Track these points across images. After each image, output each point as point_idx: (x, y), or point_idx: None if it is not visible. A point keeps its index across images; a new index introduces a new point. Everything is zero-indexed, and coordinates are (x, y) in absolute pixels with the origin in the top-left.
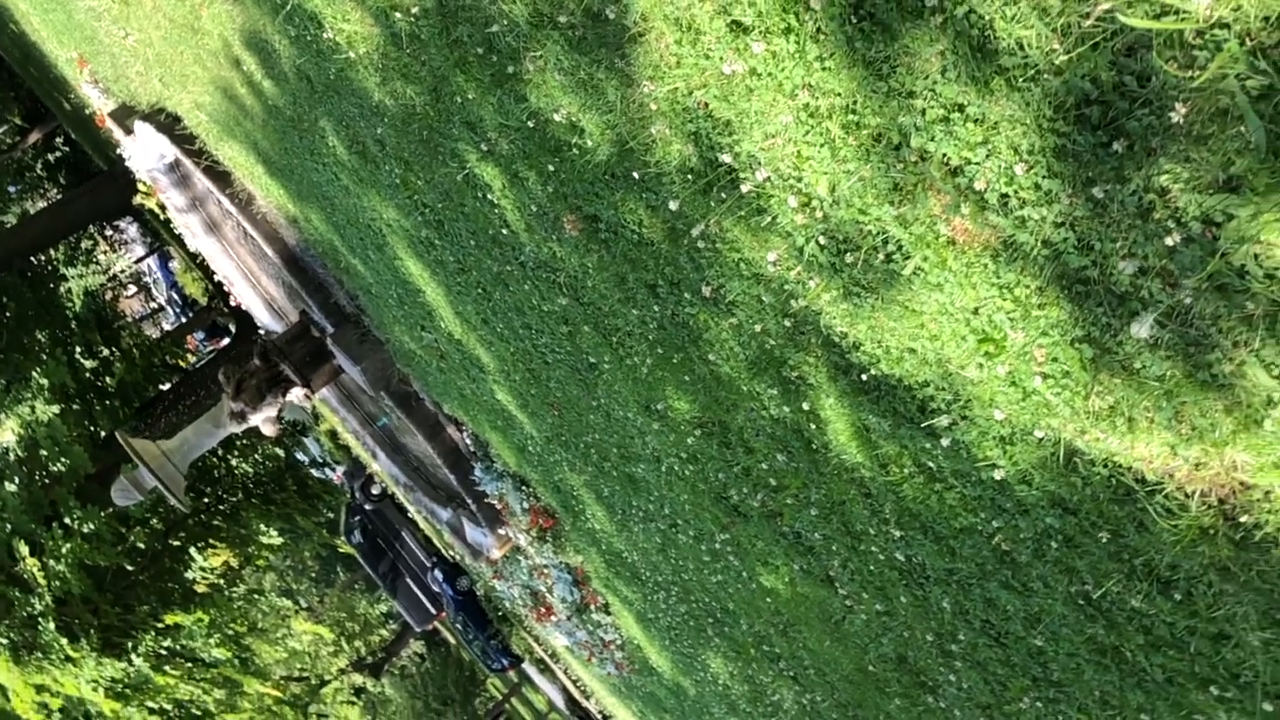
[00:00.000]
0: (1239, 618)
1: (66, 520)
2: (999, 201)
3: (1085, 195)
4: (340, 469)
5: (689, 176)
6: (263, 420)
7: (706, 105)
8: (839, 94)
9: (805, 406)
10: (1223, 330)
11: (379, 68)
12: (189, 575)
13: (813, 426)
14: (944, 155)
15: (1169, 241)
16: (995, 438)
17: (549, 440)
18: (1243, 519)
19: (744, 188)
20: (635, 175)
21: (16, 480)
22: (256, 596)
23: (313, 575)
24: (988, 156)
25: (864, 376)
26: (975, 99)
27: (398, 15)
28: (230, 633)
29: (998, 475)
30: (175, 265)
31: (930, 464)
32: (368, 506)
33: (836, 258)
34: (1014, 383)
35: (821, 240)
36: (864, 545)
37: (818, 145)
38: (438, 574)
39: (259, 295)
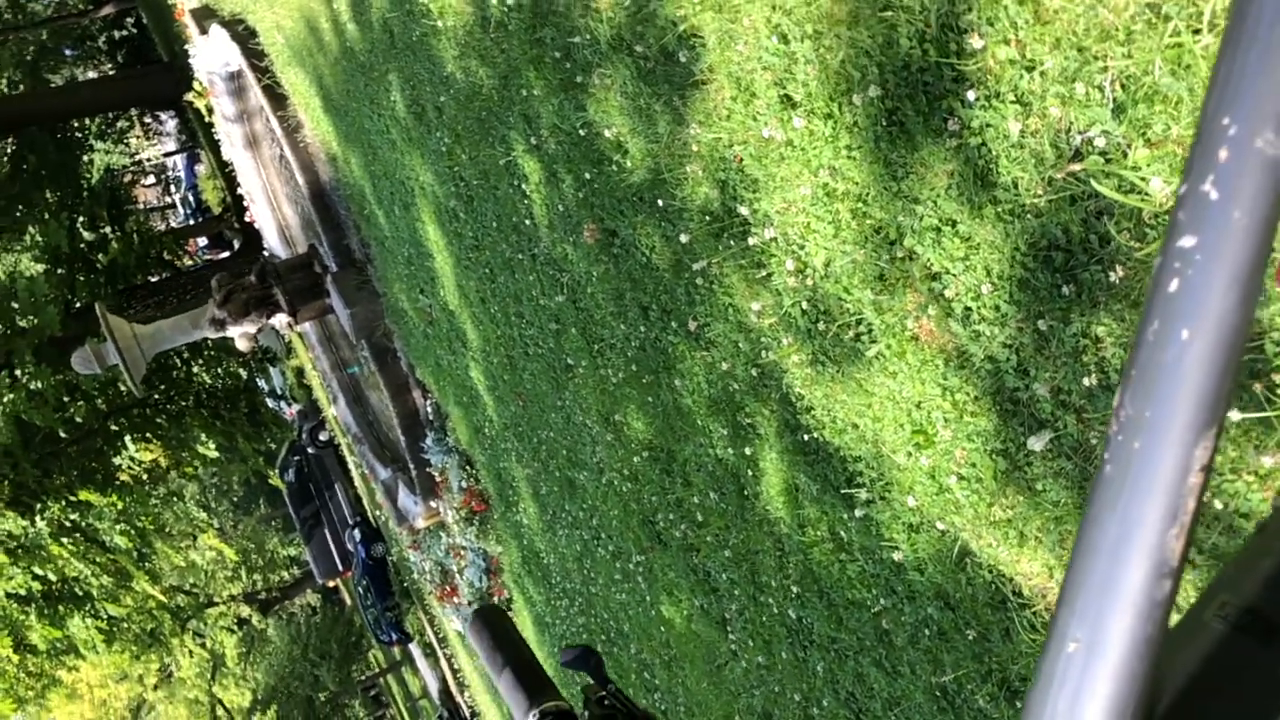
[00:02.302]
0: None
1: (17, 372)
2: (963, 313)
3: (1033, 326)
4: (295, 407)
5: (706, 218)
6: (239, 335)
7: (741, 160)
8: (856, 182)
9: (748, 452)
10: None
11: (460, 43)
12: (116, 461)
13: (750, 473)
14: (928, 260)
15: (1088, 382)
16: (904, 523)
17: (506, 428)
18: None
19: (751, 240)
20: (660, 203)
21: None
22: (174, 501)
23: (234, 499)
24: (964, 271)
25: (807, 438)
26: (967, 219)
27: (494, 1)
28: (138, 526)
29: (897, 557)
30: (200, 169)
31: (842, 533)
32: (310, 450)
33: (813, 325)
34: (933, 476)
35: (805, 305)
36: (764, 597)
37: (825, 222)
38: (356, 534)
39: (274, 218)
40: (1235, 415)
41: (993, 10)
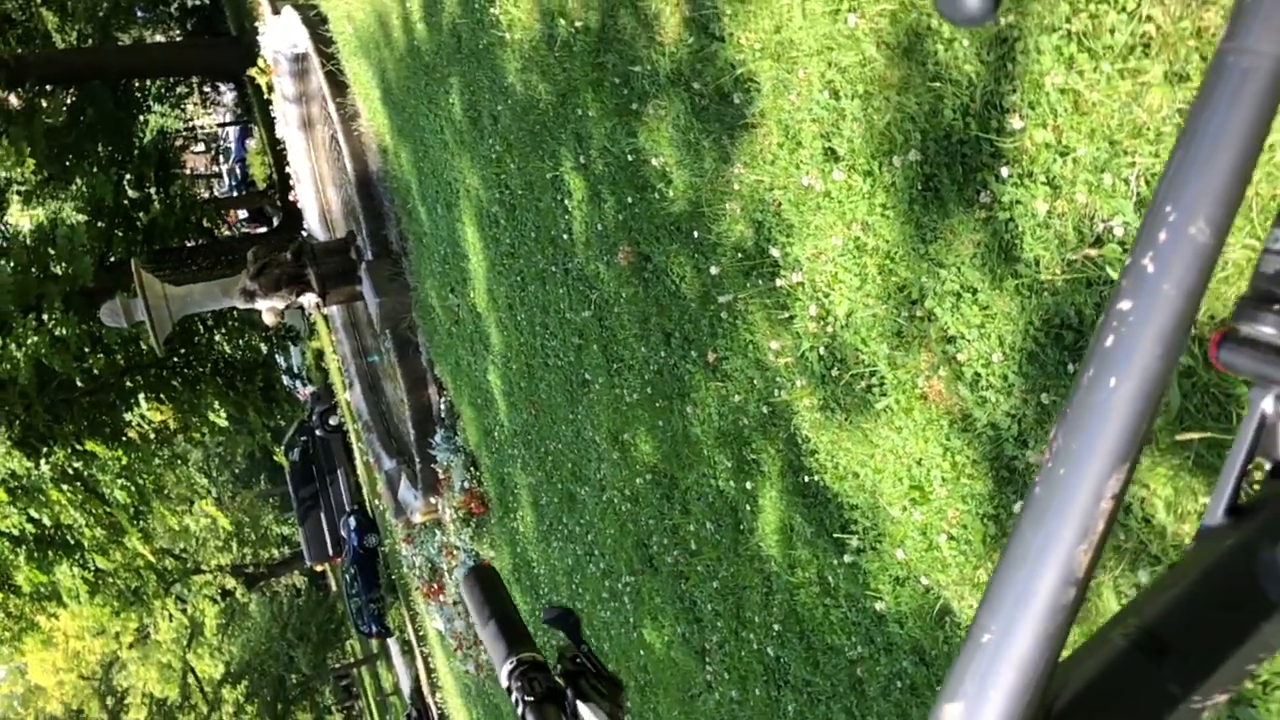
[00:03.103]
0: None
1: (44, 317)
2: (972, 378)
3: (1037, 399)
4: (310, 388)
5: (739, 255)
6: (267, 308)
7: (779, 204)
8: (886, 240)
9: (749, 487)
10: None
11: (525, 57)
12: (127, 417)
13: (748, 508)
14: (945, 323)
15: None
16: (891, 575)
17: (516, 434)
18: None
19: (779, 282)
20: (696, 235)
21: (14, 265)
22: (178, 464)
23: (236, 471)
24: (978, 338)
25: (808, 480)
26: (987, 288)
27: (562, 22)
28: (139, 483)
29: (880, 608)
30: (251, 144)
31: (830, 578)
32: (318, 432)
33: (828, 371)
34: (924, 533)
35: (822, 351)
36: (746, 632)
37: (853, 273)
38: (351, 521)
39: (318, 201)
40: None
41: (1035, 95)
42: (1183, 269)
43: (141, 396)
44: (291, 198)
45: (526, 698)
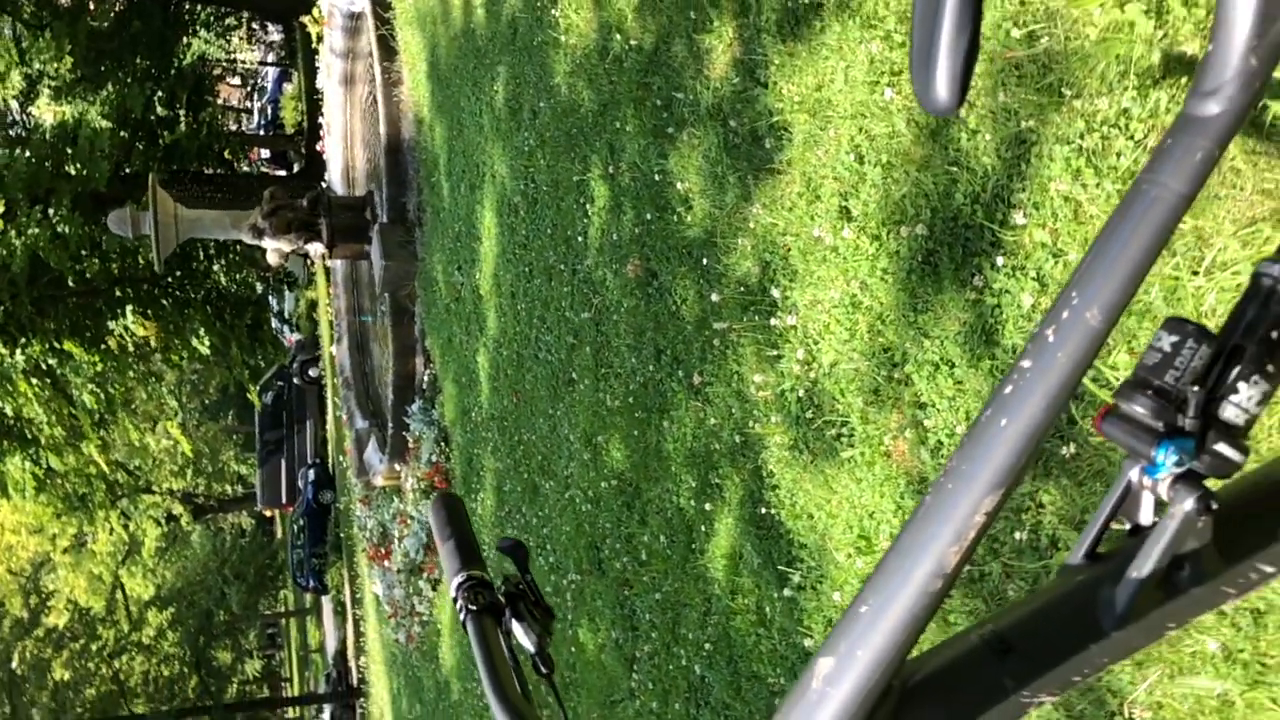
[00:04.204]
0: None
1: (50, 211)
2: (935, 444)
3: None
4: (296, 336)
5: (741, 288)
6: (273, 249)
7: (788, 249)
8: (880, 302)
9: (708, 509)
10: None
11: (575, 61)
12: (110, 326)
13: (703, 529)
14: (920, 390)
15: (1019, 537)
16: (825, 616)
17: (493, 419)
18: None
19: (774, 321)
20: (705, 262)
21: (31, 156)
22: (151, 381)
23: (206, 401)
24: (948, 408)
25: (765, 512)
26: (964, 365)
27: (617, 36)
28: (109, 392)
29: (808, 645)
30: (288, 88)
31: (767, 609)
32: (296, 381)
33: (803, 413)
34: (862, 580)
35: (801, 394)
36: (678, 647)
37: (844, 327)
38: (311, 474)
39: (343, 156)
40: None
41: (1041, 197)
42: (1074, 344)
43: (129, 309)
44: (318, 147)
45: (470, 607)
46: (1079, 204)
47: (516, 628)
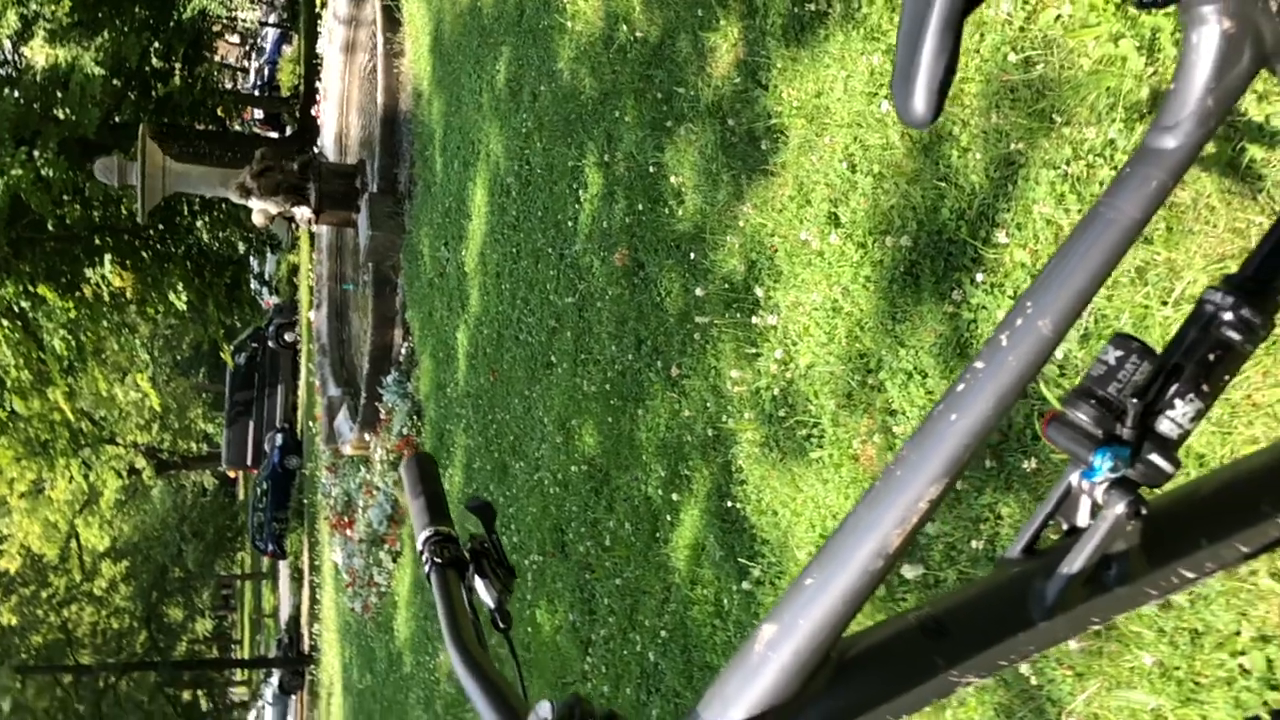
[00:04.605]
0: None
1: (35, 153)
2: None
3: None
4: (275, 299)
5: (726, 285)
6: (259, 209)
7: (775, 249)
8: (860, 309)
9: (675, 499)
10: None
11: (579, 48)
12: (87, 273)
13: (669, 518)
14: (891, 396)
15: (976, 545)
16: None
17: (468, 395)
18: None
19: (755, 320)
20: (692, 256)
21: (21, 96)
22: (125, 332)
23: (178, 357)
24: (917, 417)
25: (730, 505)
26: (936, 375)
27: (624, 27)
28: (81, 339)
29: None
30: (287, 50)
31: (725, 601)
32: (271, 344)
33: (776, 412)
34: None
35: (776, 393)
36: (634, 634)
37: (823, 330)
38: (278, 438)
39: (338, 123)
40: None
41: (1024, 218)
42: (1025, 349)
43: (108, 258)
44: (313, 112)
45: (436, 560)
46: (1060, 228)
47: (478, 583)
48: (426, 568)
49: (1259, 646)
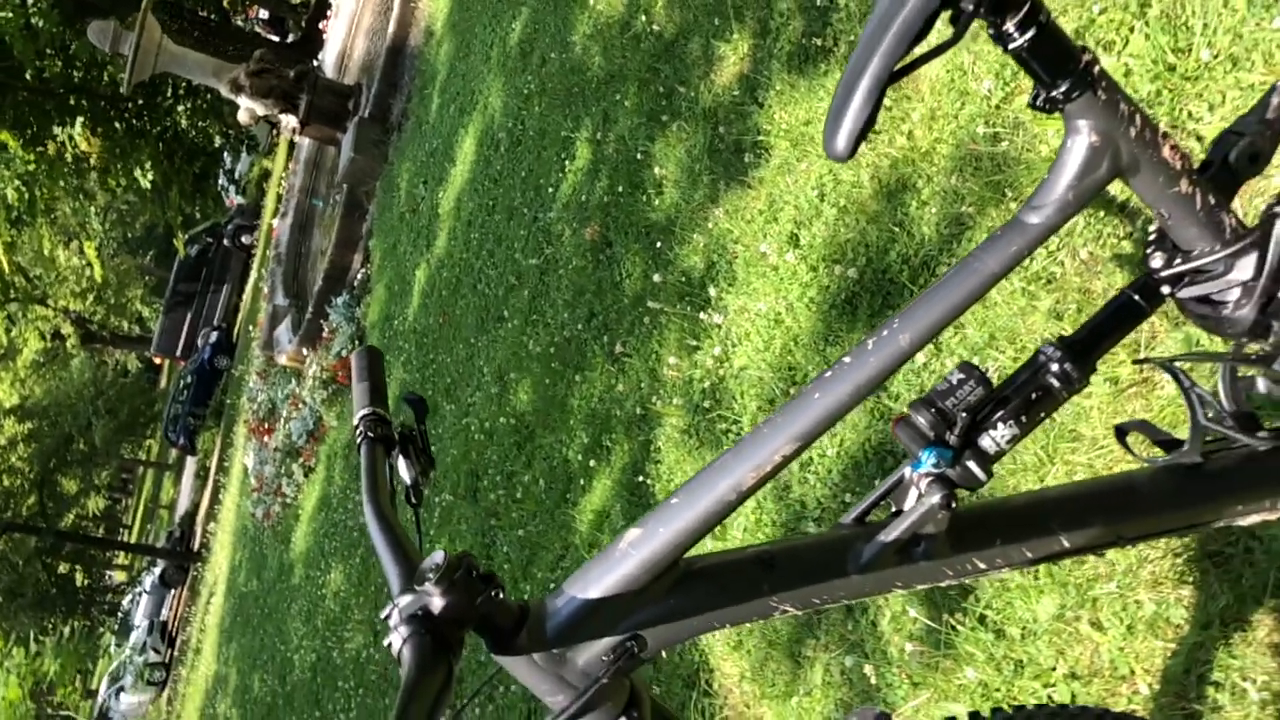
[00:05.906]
0: None
1: (29, 3)
2: (806, 459)
3: (841, 499)
4: (240, 200)
5: (683, 278)
6: (246, 107)
7: (735, 256)
8: (799, 326)
9: (591, 466)
10: None
11: (596, 27)
12: (56, 131)
13: (581, 483)
14: None
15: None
16: None
17: (414, 332)
18: None
19: (702, 316)
20: (658, 245)
21: None
22: (82, 198)
23: (129, 235)
24: (826, 434)
25: (642, 481)
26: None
27: (643, 17)
28: (35, 194)
29: None
30: None
31: None
32: (226, 242)
33: (702, 403)
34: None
35: (706, 386)
36: (525, 584)
37: (761, 338)
38: (213, 336)
39: (343, 43)
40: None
41: None
42: (885, 354)
43: (80, 120)
44: (320, 25)
45: (368, 435)
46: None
47: (401, 462)
48: (359, 441)
49: (1067, 682)
